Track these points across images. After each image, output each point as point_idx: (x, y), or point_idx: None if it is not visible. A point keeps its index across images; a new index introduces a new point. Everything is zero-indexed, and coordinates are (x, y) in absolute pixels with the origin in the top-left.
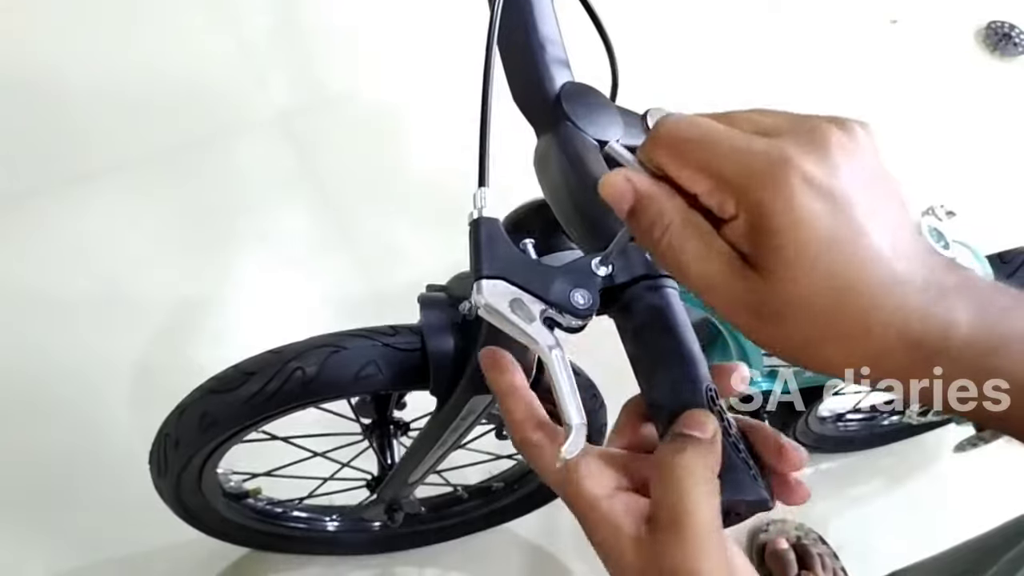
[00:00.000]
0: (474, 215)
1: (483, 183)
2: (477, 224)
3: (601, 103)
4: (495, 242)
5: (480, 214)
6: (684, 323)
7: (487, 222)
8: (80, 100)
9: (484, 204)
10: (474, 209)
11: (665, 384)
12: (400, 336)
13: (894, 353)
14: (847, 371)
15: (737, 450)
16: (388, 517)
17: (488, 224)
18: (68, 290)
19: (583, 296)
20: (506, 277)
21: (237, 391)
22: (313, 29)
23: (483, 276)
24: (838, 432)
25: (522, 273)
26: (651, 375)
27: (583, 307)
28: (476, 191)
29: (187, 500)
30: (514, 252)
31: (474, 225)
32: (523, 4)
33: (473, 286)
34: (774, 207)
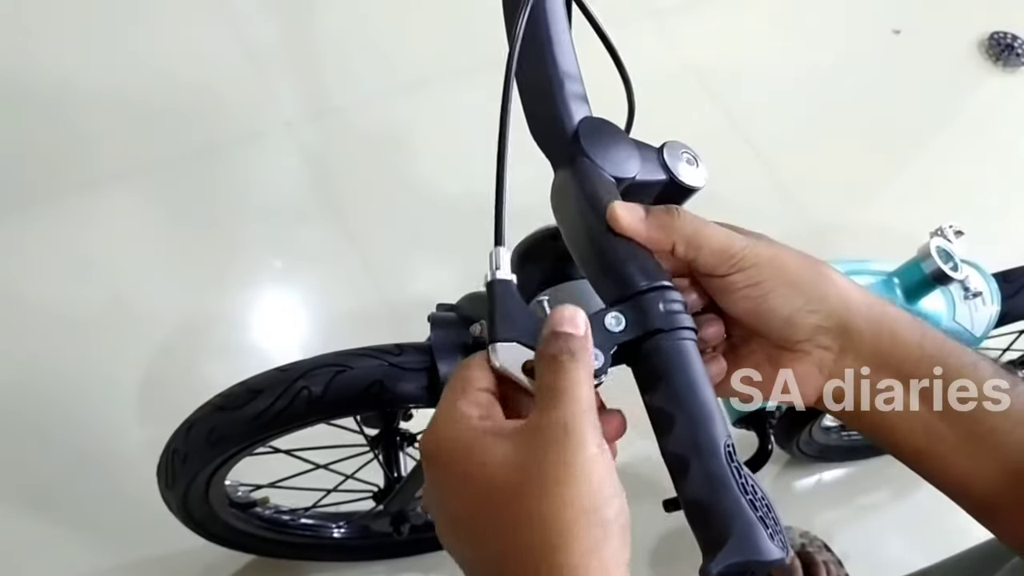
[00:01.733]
0: (488, 276)
1: (499, 242)
2: (492, 287)
3: (618, 138)
4: (510, 305)
5: (495, 275)
6: (703, 376)
7: (501, 284)
8: (87, 109)
9: (499, 265)
10: (489, 270)
11: (684, 437)
12: (406, 355)
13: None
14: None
15: (755, 508)
16: (394, 529)
17: (502, 287)
18: (74, 301)
19: (594, 357)
20: (520, 340)
21: (244, 409)
22: (325, 38)
23: (497, 340)
24: (842, 442)
25: (536, 335)
26: (670, 427)
27: (595, 368)
28: (492, 250)
29: (194, 510)
30: (528, 314)
31: (489, 288)
32: (542, 38)
33: (488, 348)
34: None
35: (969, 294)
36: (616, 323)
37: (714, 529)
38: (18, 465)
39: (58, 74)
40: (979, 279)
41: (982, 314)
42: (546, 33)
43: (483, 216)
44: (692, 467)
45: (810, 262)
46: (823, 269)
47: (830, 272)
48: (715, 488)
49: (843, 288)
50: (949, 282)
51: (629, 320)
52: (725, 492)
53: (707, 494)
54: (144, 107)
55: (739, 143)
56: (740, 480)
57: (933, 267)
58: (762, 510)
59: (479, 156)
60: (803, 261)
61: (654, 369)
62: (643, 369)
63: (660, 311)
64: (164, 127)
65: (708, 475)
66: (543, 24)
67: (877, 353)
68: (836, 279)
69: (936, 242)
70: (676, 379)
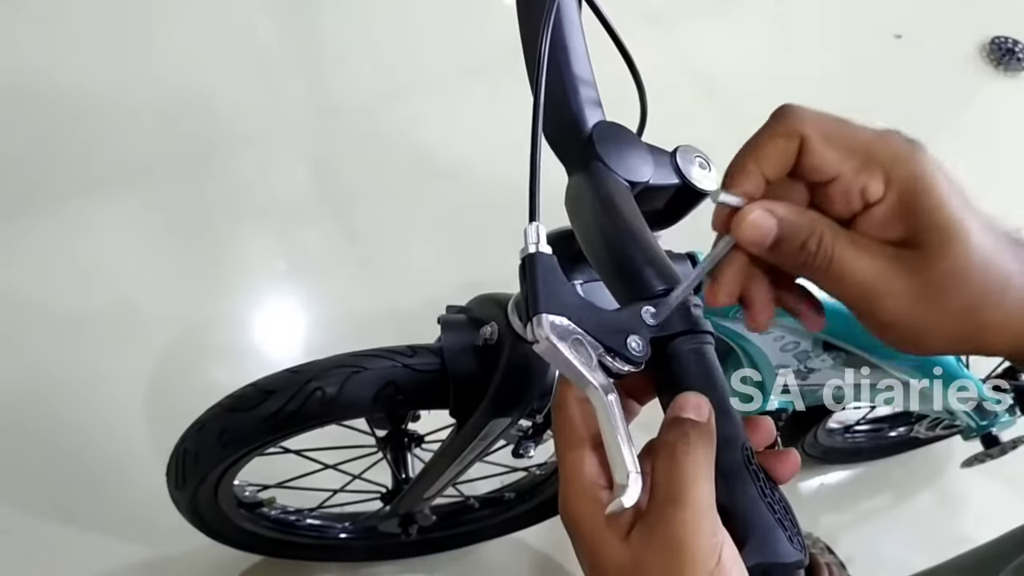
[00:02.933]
0: (529, 249)
1: (534, 217)
2: (533, 259)
3: (632, 143)
4: (553, 278)
5: (536, 248)
6: (721, 380)
7: (543, 257)
8: (88, 112)
9: (537, 239)
10: (527, 243)
11: None
12: (419, 357)
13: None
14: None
15: (773, 510)
16: (402, 530)
17: (544, 259)
18: (77, 304)
19: (637, 343)
20: (567, 315)
21: (256, 409)
22: (328, 41)
23: (543, 311)
24: (846, 444)
25: (579, 313)
26: None
27: (638, 354)
28: (528, 226)
29: (203, 510)
30: (572, 291)
31: (529, 260)
32: (557, 44)
33: (532, 320)
34: (926, 182)
35: None
36: (653, 318)
37: (733, 531)
38: (24, 468)
39: (58, 78)
40: None
41: None
42: (561, 39)
43: (486, 217)
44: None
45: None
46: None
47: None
48: (734, 490)
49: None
50: None
51: (659, 321)
52: (744, 494)
53: (726, 496)
54: (146, 110)
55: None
56: (759, 483)
57: None
58: (780, 512)
59: (485, 156)
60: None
61: (675, 370)
62: (664, 371)
63: (688, 313)
64: (166, 129)
65: (727, 477)
66: (558, 29)
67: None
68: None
69: None
70: (696, 381)
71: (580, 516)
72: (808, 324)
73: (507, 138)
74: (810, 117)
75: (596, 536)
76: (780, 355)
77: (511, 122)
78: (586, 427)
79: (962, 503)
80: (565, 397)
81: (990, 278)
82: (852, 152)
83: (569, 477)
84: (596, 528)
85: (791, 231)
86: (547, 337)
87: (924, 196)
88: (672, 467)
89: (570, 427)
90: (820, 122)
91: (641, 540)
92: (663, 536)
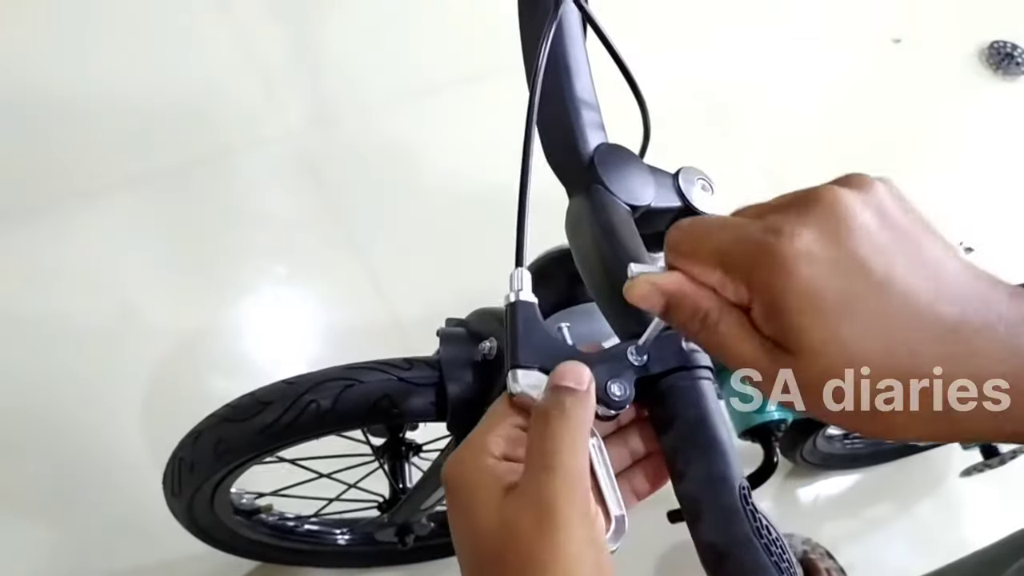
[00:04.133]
0: (511, 298)
1: (520, 263)
2: (514, 308)
3: (633, 165)
4: (531, 328)
5: (517, 296)
6: (719, 416)
7: (523, 307)
8: (86, 117)
9: (521, 286)
10: (511, 291)
11: (700, 481)
12: (416, 370)
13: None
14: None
15: (770, 552)
16: (399, 540)
17: (524, 309)
18: (74, 311)
19: (619, 388)
20: (541, 366)
21: (252, 420)
22: (329, 47)
23: (518, 366)
24: (845, 450)
25: (557, 361)
26: (685, 469)
27: (619, 399)
28: (513, 272)
29: (199, 518)
30: (550, 339)
31: (511, 309)
32: (560, 65)
33: (508, 374)
34: (778, 286)
35: None
36: (638, 357)
37: (729, 573)
38: (21, 474)
39: (55, 84)
40: None
41: None
42: (564, 60)
43: (488, 226)
44: (707, 510)
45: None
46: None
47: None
48: (730, 532)
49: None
50: None
51: (650, 357)
52: (740, 536)
53: (721, 538)
54: (146, 115)
55: (739, 153)
56: (755, 524)
57: None
58: (776, 554)
59: (485, 165)
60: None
61: (669, 407)
62: (659, 408)
63: (679, 349)
64: (165, 135)
65: (723, 518)
66: (560, 50)
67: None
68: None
69: None
70: (691, 418)
71: (464, 473)
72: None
73: (511, 142)
74: (673, 241)
75: (474, 496)
76: None
77: (513, 132)
78: (518, 412)
79: (962, 509)
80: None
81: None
82: (712, 264)
83: (474, 434)
84: (475, 487)
85: (676, 305)
86: (521, 391)
87: (781, 303)
88: (546, 434)
89: (502, 406)
90: (693, 228)
91: (514, 504)
92: (534, 501)
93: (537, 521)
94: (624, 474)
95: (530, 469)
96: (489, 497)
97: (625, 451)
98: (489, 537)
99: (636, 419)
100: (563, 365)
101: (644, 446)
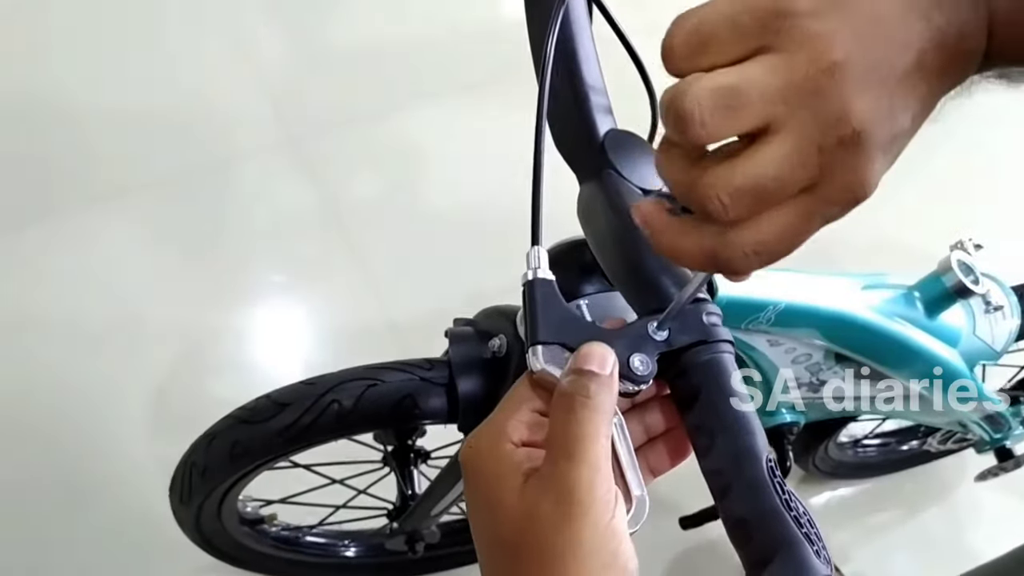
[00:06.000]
0: (528, 275)
1: (536, 241)
2: (532, 285)
3: (644, 149)
4: (551, 305)
5: (535, 274)
6: (742, 391)
7: (542, 284)
8: (88, 125)
9: (539, 264)
10: (528, 269)
11: (726, 455)
12: (436, 370)
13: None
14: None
15: (799, 524)
16: (409, 548)
17: (543, 286)
18: (79, 316)
19: (641, 361)
20: (563, 342)
21: (269, 422)
22: (330, 53)
23: (539, 342)
24: (856, 458)
25: (578, 337)
26: (710, 445)
27: (642, 373)
28: (530, 250)
29: (205, 526)
30: (570, 315)
31: (528, 287)
32: (568, 51)
33: (528, 351)
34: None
35: (990, 308)
36: (659, 331)
37: (759, 547)
38: (22, 482)
39: (59, 92)
40: (1000, 293)
41: (1002, 328)
42: (571, 45)
43: (489, 230)
44: (734, 484)
45: None
46: None
47: None
48: (758, 505)
49: None
50: (970, 296)
51: (671, 332)
52: (769, 508)
53: (750, 511)
54: (146, 122)
55: None
56: (783, 496)
57: (954, 280)
58: (806, 526)
59: (487, 169)
60: None
61: (692, 382)
62: (681, 383)
63: (700, 323)
64: (166, 142)
65: (750, 491)
66: (568, 36)
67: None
68: None
69: (956, 255)
70: (714, 392)
71: (482, 460)
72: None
73: (510, 148)
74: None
75: (493, 484)
76: (792, 367)
77: (514, 133)
78: (537, 396)
79: (974, 518)
80: (525, 379)
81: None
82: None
83: (493, 419)
84: (494, 475)
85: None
86: (542, 368)
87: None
88: (569, 420)
89: (523, 388)
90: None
91: (535, 491)
92: (556, 489)
93: (557, 510)
94: (641, 450)
95: (551, 457)
96: (508, 485)
97: (641, 427)
98: (507, 525)
99: (655, 396)
100: (586, 347)
101: (664, 422)
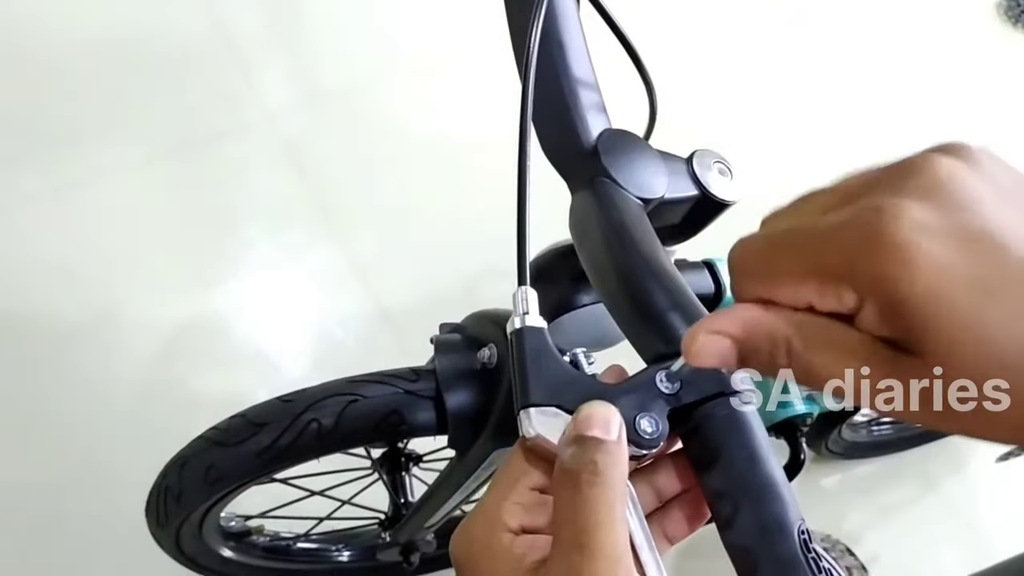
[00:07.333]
0: (516, 323)
1: (523, 281)
2: (520, 336)
3: (642, 152)
4: (543, 359)
5: (523, 322)
6: (767, 449)
7: (532, 333)
8: (61, 104)
9: (527, 309)
10: (515, 316)
11: (752, 528)
12: (422, 381)
13: None
14: None
15: None
16: (404, 559)
17: (533, 337)
18: (55, 310)
19: (650, 423)
20: (558, 403)
21: (245, 444)
22: (314, 26)
23: (531, 404)
24: (871, 437)
25: (576, 395)
26: (733, 514)
27: (650, 437)
28: (516, 291)
29: (186, 546)
30: (565, 370)
31: (516, 337)
32: (554, 44)
33: (519, 414)
34: (894, 272)
35: None
36: (669, 385)
37: None
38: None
39: (44, 67)
40: None
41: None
42: (557, 36)
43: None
44: (761, 563)
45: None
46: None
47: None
48: None
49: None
50: None
51: (683, 383)
52: None
53: None
54: (123, 102)
55: (756, 123)
56: (819, 574)
57: None
58: None
59: (482, 148)
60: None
61: (710, 441)
62: (697, 441)
63: (715, 370)
64: (144, 123)
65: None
66: (553, 27)
67: None
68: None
69: None
70: (737, 454)
71: (477, 553)
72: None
73: (501, 127)
74: (744, 264)
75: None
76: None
77: (505, 110)
78: (534, 468)
79: (990, 500)
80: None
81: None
82: (803, 273)
83: (486, 502)
84: (491, 571)
85: (751, 348)
86: (537, 435)
87: (903, 292)
88: (577, 503)
89: (516, 461)
90: (759, 246)
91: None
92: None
93: None
94: (653, 517)
95: (561, 550)
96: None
97: (651, 491)
98: None
99: (665, 452)
100: (587, 407)
101: (678, 481)
